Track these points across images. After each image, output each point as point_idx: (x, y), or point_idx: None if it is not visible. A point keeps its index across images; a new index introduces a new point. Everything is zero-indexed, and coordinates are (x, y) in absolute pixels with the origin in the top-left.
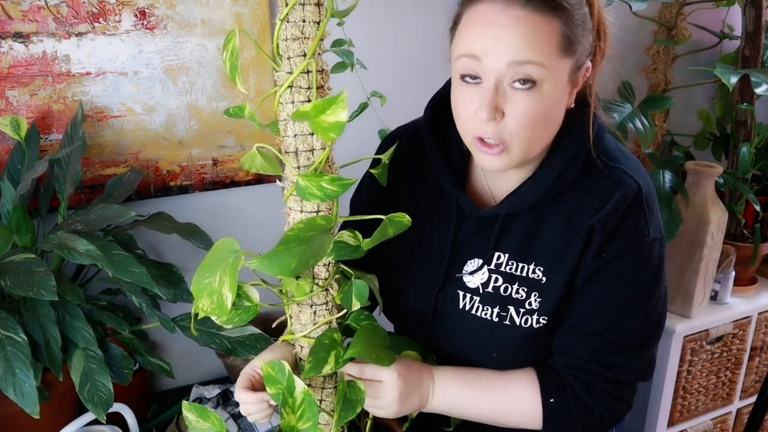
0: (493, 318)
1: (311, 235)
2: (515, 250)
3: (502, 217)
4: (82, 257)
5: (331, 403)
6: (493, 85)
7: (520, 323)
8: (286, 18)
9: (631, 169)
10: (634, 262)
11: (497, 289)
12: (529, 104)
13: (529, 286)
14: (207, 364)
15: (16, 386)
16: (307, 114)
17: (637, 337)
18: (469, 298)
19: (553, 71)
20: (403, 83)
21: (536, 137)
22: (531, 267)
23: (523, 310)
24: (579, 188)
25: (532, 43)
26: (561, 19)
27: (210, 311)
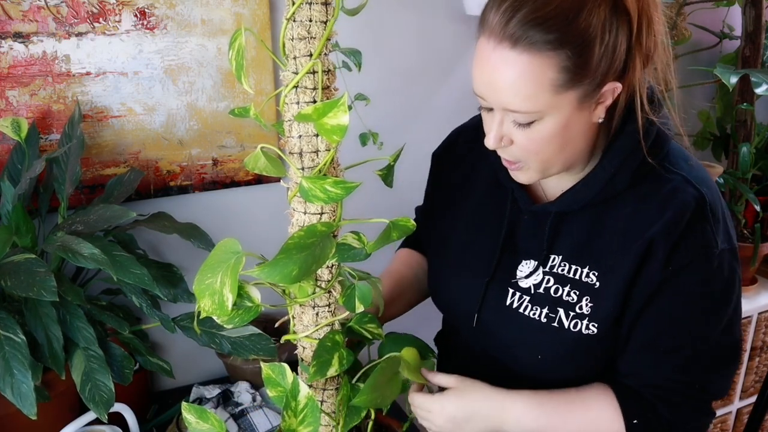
0: (541, 318)
1: (312, 241)
2: (569, 252)
3: (553, 215)
4: (86, 261)
5: (332, 405)
6: (498, 118)
7: (569, 327)
8: (292, 17)
9: (693, 177)
10: (704, 274)
11: (548, 290)
12: (531, 136)
13: (581, 289)
14: (207, 364)
15: (14, 386)
16: (310, 116)
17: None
18: (518, 296)
19: (550, 109)
20: (392, 86)
21: (550, 158)
22: (585, 270)
23: (573, 313)
24: (636, 194)
25: (521, 91)
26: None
27: (211, 311)
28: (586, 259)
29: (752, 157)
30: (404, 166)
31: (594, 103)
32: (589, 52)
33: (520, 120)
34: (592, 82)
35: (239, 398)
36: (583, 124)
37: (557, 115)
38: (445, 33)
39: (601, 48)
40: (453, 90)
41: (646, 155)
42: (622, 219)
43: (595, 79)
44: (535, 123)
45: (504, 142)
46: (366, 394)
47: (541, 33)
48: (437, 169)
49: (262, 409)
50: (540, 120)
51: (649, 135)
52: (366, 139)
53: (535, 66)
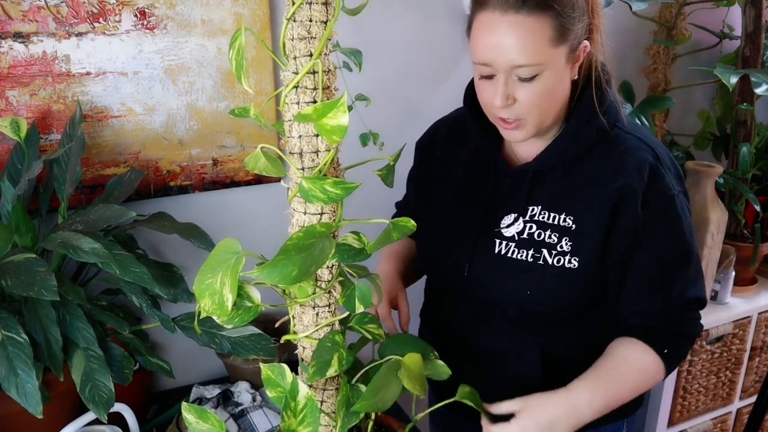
0: (528, 259)
1: (311, 242)
2: (547, 202)
3: (531, 173)
4: (87, 256)
5: (332, 405)
6: (503, 80)
7: (552, 263)
8: (292, 17)
9: (644, 136)
10: (673, 215)
11: (531, 235)
12: (534, 90)
13: (560, 232)
14: (207, 364)
15: (19, 386)
16: (310, 117)
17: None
18: (505, 244)
19: (549, 62)
20: (391, 86)
21: (546, 111)
22: (562, 216)
23: (555, 252)
24: (600, 151)
25: (527, 46)
26: (552, 13)
27: (211, 311)
28: (562, 206)
29: (752, 157)
30: (404, 166)
31: (573, 60)
32: (572, 13)
33: (526, 74)
34: (574, 39)
35: (239, 398)
36: (567, 79)
37: (553, 69)
38: (445, 33)
39: (578, 11)
40: (453, 90)
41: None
42: (590, 171)
43: (576, 36)
44: (537, 78)
45: (509, 101)
46: (367, 399)
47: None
48: (421, 158)
49: (262, 409)
50: (540, 75)
51: (603, 100)
52: (366, 139)
53: (536, 25)
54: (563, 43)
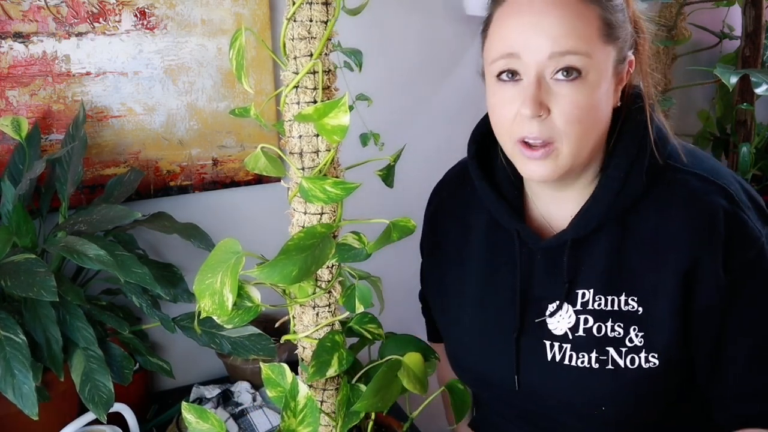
0: (593, 364)
1: (312, 243)
2: (598, 282)
3: (569, 243)
4: (92, 263)
5: (332, 405)
6: (534, 79)
7: (626, 364)
8: (293, 17)
9: (708, 171)
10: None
11: (589, 330)
12: (576, 97)
13: (624, 320)
14: (207, 364)
15: (15, 387)
16: (310, 116)
17: None
18: (558, 346)
19: (597, 60)
20: (392, 86)
21: (585, 135)
22: (622, 298)
23: (625, 349)
24: (654, 201)
25: (573, 29)
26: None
27: (211, 312)
28: (620, 285)
29: (752, 157)
30: (404, 166)
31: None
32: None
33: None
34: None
35: (239, 398)
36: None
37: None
38: (446, 33)
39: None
40: (453, 90)
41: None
42: (648, 232)
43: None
44: (578, 80)
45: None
46: (367, 399)
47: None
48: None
49: (262, 409)
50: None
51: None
52: (366, 139)
53: (582, 9)
54: (612, 43)
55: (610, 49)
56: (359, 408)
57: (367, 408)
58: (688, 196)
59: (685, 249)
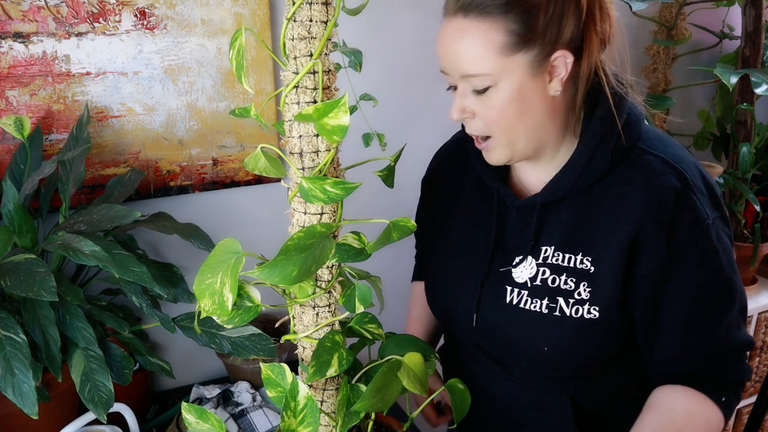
0: (542, 310)
1: (311, 243)
2: (560, 241)
3: (539, 206)
4: (87, 258)
5: (332, 405)
6: (459, 90)
7: (570, 314)
8: (293, 17)
9: (671, 156)
10: (707, 247)
11: (545, 281)
12: (489, 104)
13: (577, 276)
14: (207, 364)
15: (15, 386)
16: (310, 116)
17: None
18: (517, 292)
19: (503, 73)
20: (394, 86)
21: (512, 128)
22: (579, 257)
23: (573, 300)
24: (618, 177)
25: (473, 56)
26: (507, 16)
27: (211, 312)
28: (578, 246)
29: (752, 157)
30: (405, 166)
31: (546, 72)
32: (535, 17)
33: (477, 85)
34: (540, 48)
35: (239, 398)
36: (538, 93)
37: (509, 80)
38: None
39: (546, 15)
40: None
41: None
42: (608, 203)
43: (543, 46)
44: (491, 90)
45: (467, 113)
46: (367, 399)
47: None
48: (427, 192)
49: (262, 409)
50: (495, 86)
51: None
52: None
53: (483, 30)
54: (521, 51)
55: (518, 57)
56: (359, 408)
57: (368, 408)
58: (647, 174)
59: (634, 220)
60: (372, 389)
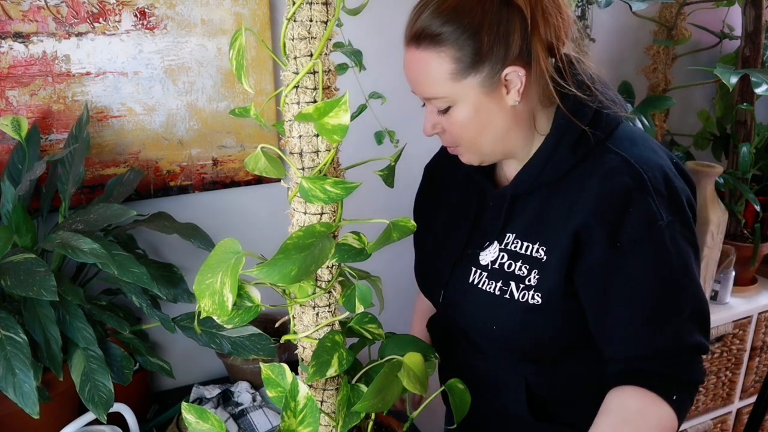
0: (495, 291)
1: (311, 242)
2: (522, 230)
3: (509, 197)
4: (86, 256)
5: (332, 405)
6: (428, 108)
7: (518, 298)
8: (293, 17)
9: (635, 156)
10: (659, 247)
11: (503, 265)
12: (452, 121)
13: (531, 264)
14: (207, 364)
15: (16, 386)
16: (311, 116)
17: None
18: (479, 273)
19: (456, 95)
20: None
21: (476, 140)
22: (535, 246)
23: (523, 285)
24: (581, 173)
25: (427, 81)
26: (451, 46)
27: (211, 312)
28: (536, 236)
29: (752, 157)
30: (405, 166)
31: (501, 86)
32: (479, 42)
33: (439, 106)
34: (489, 68)
35: (239, 398)
36: (496, 107)
37: (465, 100)
38: None
39: (490, 37)
40: None
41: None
42: (568, 198)
43: (492, 65)
44: (452, 110)
45: (437, 129)
46: (368, 399)
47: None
48: (427, 179)
49: (262, 409)
50: (454, 106)
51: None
52: (382, 137)
53: (433, 59)
54: (470, 75)
55: (469, 80)
56: (360, 408)
57: (368, 408)
58: (606, 172)
59: (582, 213)
60: (373, 390)
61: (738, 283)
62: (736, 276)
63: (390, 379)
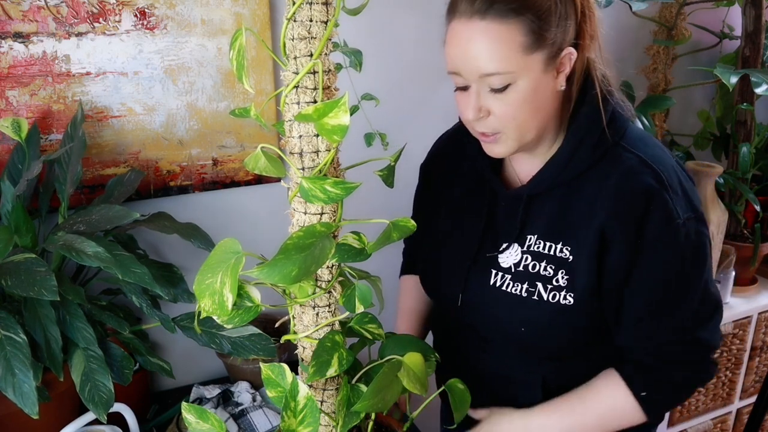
0: (522, 293)
1: (311, 242)
2: (543, 230)
3: (526, 197)
4: (90, 260)
5: (332, 405)
6: (474, 91)
7: (548, 299)
8: (293, 17)
9: (649, 156)
10: (675, 245)
11: (527, 267)
12: (508, 101)
13: (556, 264)
14: (207, 364)
15: (16, 386)
16: (310, 116)
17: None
18: (501, 276)
19: (522, 70)
20: (400, 85)
21: (525, 124)
22: (559, 246)
23: (551, 286)
24: (599, 172)
25: (495, 54)
26: (524, 18)
27: (211, 312)
28: (559, 235)
29: (752, 157)
30: (405, 165)
31: (555, 68)
32: (548, 18)
33: (497, 84)
34: (552, 46)
35: (239, 398)
36: (549, 89)
37: (527, 77)
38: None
39: (556, 15)
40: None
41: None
42: (587, 197)
43: (555, 43)
44: (510, 88)
45: (482, 113)
46: (368, 399)
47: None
48: (425, 179)
49: (262, 409)
50: (513, 84)
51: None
52: (372, 139)
53: (504, 31)
54: (538, 50)
55: (536, 56)
56: (360, 408)
57: (368, 408)
58: (625, 171)
59: (606, 213)
60: (372, 389)
61: (738, 283)
62: (736, 276)
63: (389, 378)
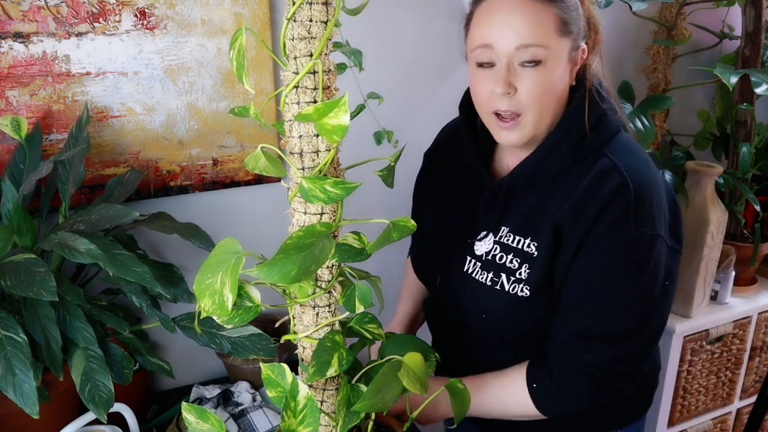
0: (487, 282)
1: (311, 242)
2: (516, 224)
3: (505, 189)
4: (82, 256)
5: (332, 405)
6: (505, 65)
7: (509, 290)
8: (293, 17)
9: (625, 164)
10: (616, 249)
11: (495, 257)
12: (537, 79)
13: (522, 258)
14: (207, 364)
15: (16, 386)
16: (310, 116)
17: (622, 326)
18: (473, 263)
19: (554, 50)
20: (401, 84)
21: (545, 108)
22: (527, 242)
23: (514, 278)
24: (575, 173)
25: (535, 26)
26: (556, 5)
27: (211, 312)
28: (529, 230)
29: (752, 157)
30: (405, 165)
31: (572, 61)
32: (573, 14)
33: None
34: (575, 40)
35: (239, 398)
36: (566, 81)
37: (557, 59)
38: (445, 33)
39: (577, 11)
40: (453, 90)
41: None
42: (560, 196)
43: (576, 38)
44: (540, 65)
45: (511, 88)
46: (368, 399)
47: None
48: (427, 165)
49: (262, 409)
50: (544, 62)
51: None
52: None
53: (542, 10)
54: (567, 36)
55: (565, 41)
56: (360, 408)
57: (368, 408)
58: (595, 175)
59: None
60: (372, 389)
61: (738, 283)
62: (736, 276)
63: (389, 378)
